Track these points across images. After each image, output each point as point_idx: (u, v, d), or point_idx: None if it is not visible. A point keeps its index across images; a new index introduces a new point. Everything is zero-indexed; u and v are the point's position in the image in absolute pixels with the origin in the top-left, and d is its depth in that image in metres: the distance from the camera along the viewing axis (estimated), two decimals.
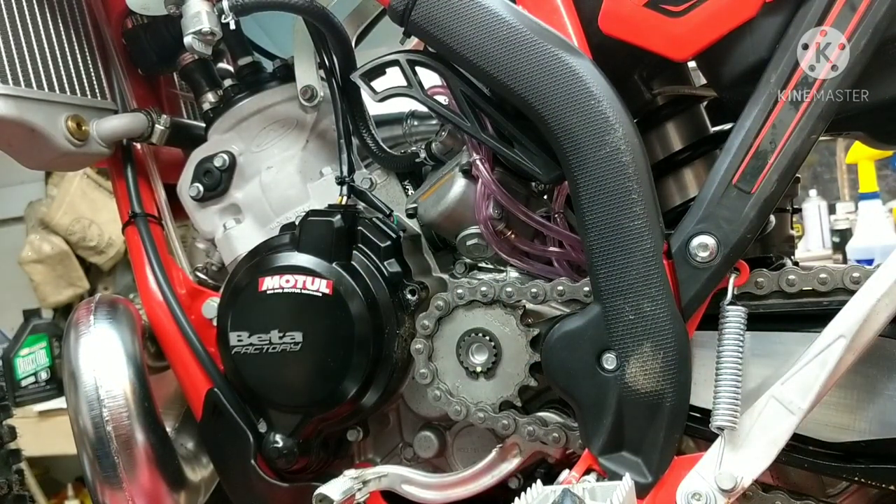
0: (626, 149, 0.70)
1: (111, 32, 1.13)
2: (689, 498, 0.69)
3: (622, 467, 0.72)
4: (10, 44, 0.97)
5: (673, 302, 0.69)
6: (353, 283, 0.86)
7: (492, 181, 0.82)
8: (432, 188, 0.89)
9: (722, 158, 0.69)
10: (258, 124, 1.04)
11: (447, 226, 0.88)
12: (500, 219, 0.84)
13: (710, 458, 0.69)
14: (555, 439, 0.80)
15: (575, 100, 0.71)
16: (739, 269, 0.70)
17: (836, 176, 3.64)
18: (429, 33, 0.76)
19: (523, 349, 0.82)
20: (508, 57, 0.73)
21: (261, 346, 0.89)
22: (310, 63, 1.02)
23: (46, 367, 1.20)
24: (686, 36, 0.70)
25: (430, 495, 0.87)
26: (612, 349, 0.72)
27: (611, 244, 0.71)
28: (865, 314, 0.64)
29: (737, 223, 0.68)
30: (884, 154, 2.88)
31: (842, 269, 0.68)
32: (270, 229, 1.01)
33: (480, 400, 0.83)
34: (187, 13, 0.91)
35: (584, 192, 0.71)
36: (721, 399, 0.68)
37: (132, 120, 1.07)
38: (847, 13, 0.65)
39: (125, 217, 1.11)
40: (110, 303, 1.03)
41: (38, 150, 1.01)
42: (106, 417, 0.94)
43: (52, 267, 2.87)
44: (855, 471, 0.68)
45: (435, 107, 0.81)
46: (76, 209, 2.84)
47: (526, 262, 0.85)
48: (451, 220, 0.86)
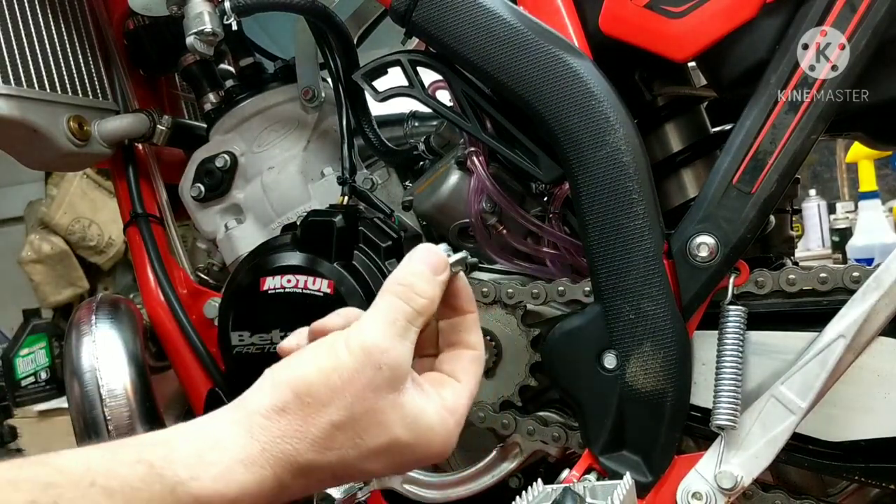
0: (627, 149, 0.70)
1: (113, 33, 1.13)
2: (690, 497, 0.69)
3: (622, 466, 0.72)
4: (11, 44, 0.97)
5: (673, 302, 0.70)
6: (355, 283, 0.86)
7: (485, 176, 0.83)
8: (428, 181, 0.90)
9: (722, 159, 0.69)
10: (260, 125, 1.05)
11: (440, 218, 0.88)
12: (492, 212, 0.84)
13: (710, 457, 0.69)
14: (555, 438, 0.80)
15: (575, 100, 0.71)
16: (739, 268, 0.71)
17: (835, 175, 3.65)
18: (430, 34, 0.77)
19: (524, 349, 0.82)
20: (509, 57, 0.73)
21: (262, 345, 0.89)
22: (311, 63, 1.02)
23: (46, 367, 1.20)
24: (686, 37, 0.70)
25: (430, 494, 0.88)
26: (612, 349, 0.72)
27: (611, 244, 0.71)
28: (865, 314, 0.64)
29: (737, 223, 0.68)
30: (884, 154, 2.89)
31: (842, 269, 0.68)
32: (272, 229, 1.01)
33: (481, 399, 0.84)
34: (189, 14, 0.91)
35: (585, 192, 0.72)
36: (721, 398, 0.68)
37: (134, 120, 1.07)
38: (847, 13, 0.65)
39: (127, 217, 1.11)
40: (112, 302, 1.03)
41: (39, 151, 1.01)
42: (107, 417, 0.94)
43: (51, 267, 2.87)
44: (855, 470, 0.69)
45: (436, 107, 0.81)
46: (76, 209, 2.84)
47: (514, 262, 0.86)
48: (444, 212, 0.87)
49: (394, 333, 0.52)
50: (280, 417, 0.49)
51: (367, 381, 0.51)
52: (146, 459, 0.45)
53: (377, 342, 0.51)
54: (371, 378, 0.51)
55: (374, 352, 0.51)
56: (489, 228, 0.85)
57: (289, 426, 0.49)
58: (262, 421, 0.49)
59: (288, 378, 0.51)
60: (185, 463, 0.46)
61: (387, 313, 0.53)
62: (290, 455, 0.49)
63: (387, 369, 0.51)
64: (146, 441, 0.47)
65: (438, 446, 0.55)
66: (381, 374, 0.51)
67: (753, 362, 0.70)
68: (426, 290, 0.55)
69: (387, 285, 0.55)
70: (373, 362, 0.51)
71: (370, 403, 0.51)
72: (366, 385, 0.51)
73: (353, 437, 0.51)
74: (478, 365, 0.59)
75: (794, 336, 0.69)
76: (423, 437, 0.54)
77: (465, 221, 0.86)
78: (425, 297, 0.54)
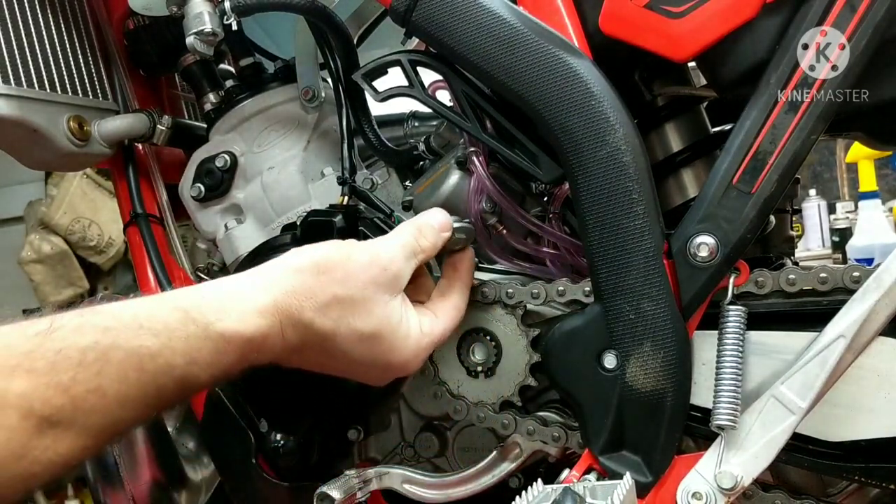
0: (627, 149, 0.70)
1: (113, 33, 1.13)
2: (689, 497, 0.69)
3: (622, 466, 0.72)
4: (11, 44, 0.97)
5: (673, 302, 0.70)
6: None
7: (485, 175, 0.83)
8: (428, 181, 0.90)
9: (722, 159, 0.69)
10: (260, 125, 1.05)
11: None
12: (492, 212, 0.84)
13: (710, 457, 0.69)
14: (555, 438, 0.80)
15: (575, 100, 0.71)
16: (739, 268, 0.71)
17: (835, 175, 3.65)
18: (430, 34, 0.77)
19: (524, 349, 0.82)
20: (509, 57, 0.73)
21: None
22: (311, 63, 1.02)
23: None
24: (686, 36, 0.70)
25: (430, 494, 0.87)
26: (612, 349, 0.72)
27: (611, 244, 0.71)
28: (865, 314, 0.64)
29: (737, 223, 0.68)
30: (884, 154, 2.89)
31: (842, 269, 0.68)
32: (272, 229, 1.01)
33: (481, 399, 0.84)
34: (189, 14, 0.91)
35: (585, 193, 0.72)
36: (721, 398, 0.68)
37: (134, 120, 1.07)
38: (847, 13, 0.65)
39: (127, 217, 1.11)
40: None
41: (39, 151, 1.01)
42: None
43: (51, 267, 2.87)
44: (855, 470, 0.69)
45: (436, 107, 0.81)
46: (76, 209, 2.84)
47: (514, 262, 0.86)
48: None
49: (401, 253, 0.68)
50: (294, 276, 0.61)
51: (373, 276, 0.65)
52: (181, 307, 0.56)
53: (389, 252, 0.67)
54: (376, 275, 0.65)
55: (384, 257, 0.66)
56: (489, 228, 0.85)
57: (301, 285, 0.61)
58: (279, 276, 0.61)
59: (311, 251, 0.64)
60: (214, 307, 0.57)
61: (400, 238, 0.70)
62: (295, 309, 0.60)
63: (390, 273, 0.66)
64: (179, 294, 0.58)
65: (408, 354, 0.68)
66: (385, 275, 0.65)
67: (753, 362, 0.70)
68: (430, 236, 0.72)
69: (407, 223, 0.73)
70: (382, 263, 0.66)
71: (369, 293, 0.64)
72: (371, 278, 0.64)
73: (347, 314, 0.63)
74: (456, 313, 0.75)
75: (794, 336, 0.69)
76: (399, 340, 0.67)
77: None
78: (429, 240, 0.72)
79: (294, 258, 0.63)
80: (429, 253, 0.72)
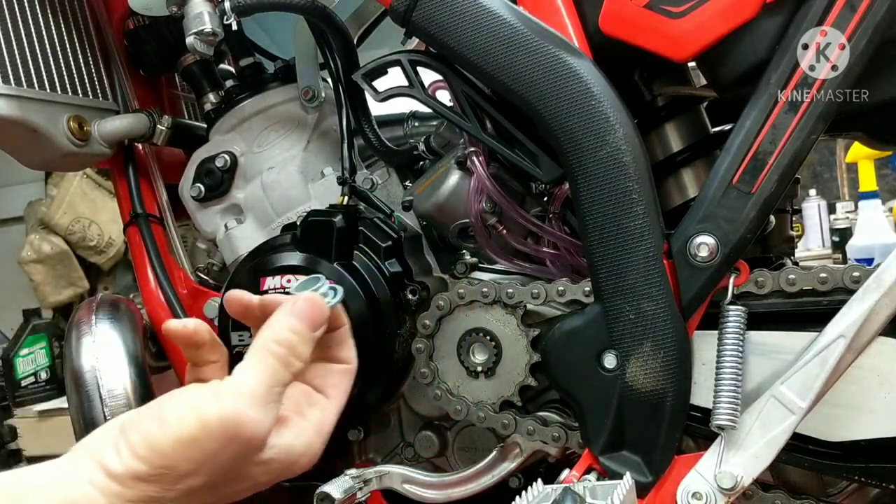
0: (627, 149, 0.70)
1: (113, 33, 1.13)
2: (690, 497, 0.69)
3: (622, 466, 0.72)
4: (11, 44, 0.97)
5: (673, 302, 0.70)
6: (354, 283, 0.86)
7: (485, 175, 0.83)
8: (428, 181, 0.90)
9: (722, 159, 0.69)
10: (259, 125, 1.05)
11: (440, 218, 0.88)
12: (492, 212, 0.84)
13: (710, 457, 0.69)
14: (555, 438, 0.80)
15: (575, 100, 0.71)
16: (739, 268, 0.71)
17: (835, 175, 3.65)
18: (430, 34, 0.77)
19: (524, 349, 0.82)
20: (509, 57, 0.73)
21: None
22: (311, 63, 1.02)
23: (46, 367, 1.20)
24: (686, 36, 0.70)
25: (430, 494, 0.87)
26: (612, 349, 0.72)
27: (611, 244, 0.71)
28: (865, 314, 0.64)
29: (737, 223, 0.68)
30: (884, 154, 2.89)
31: (842, 269, 0.68)
32: (272, 229, 1.01)
33: (481, 399, 0.84)
34: (189, 14, 0.91)
35: (585, 192, 0.72)
36: (721, 398, 0.68)
37: (134, 120, 1.07)
38: (847, 13, 0.65)
39: (127, 217, 1.11)
40: (112, 303, 1.03)
41: (39, 151, 1.01)
42: (107, 417, 0.94)
43: (51, 267, 2.87)
44: (855, 470, 0.69)
45: (436, 107, 0.81)
46: (76, 209, 2.85)
47: (514, 262, 0.86)
48: (444, 212, 0.87)
49: (266, 401, 0.51)
50: (135, 484, 0.48)
51: (229, 455, 0.49)
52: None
53: (246, 413, 0.49)
54: (233, 452, 0.50)
55: (239, 425, 0.49)
56: (489, 228, 0.85)
57: (145, 492, 0.48)
58: (118, 488, 0.48)
59: (144, 445, 0.48)
60: None
61: (264, 380, 0.51)
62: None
63: (250, 439, 0.50)
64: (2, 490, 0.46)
65: (302, 466, 0.55)
66: (244, 445, 0.50)
67: (753, 362, 0.70)
68: (304, 352, 0.54)
69: (267, 343, 0.53)
70: (237, 437, 0.49)
71: (230, 469, 0.50)
72: (227, 458, 0.50)
73: (213, 491, 0.51)
74: (348, 379, 0.60)
75: (794, 336, 0.69)
76: (288, 467, 0.54)
77: (465, 221, 0.86)
78: (303, 360, 0.54)
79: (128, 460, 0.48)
80: (301, 371, 0.55)
